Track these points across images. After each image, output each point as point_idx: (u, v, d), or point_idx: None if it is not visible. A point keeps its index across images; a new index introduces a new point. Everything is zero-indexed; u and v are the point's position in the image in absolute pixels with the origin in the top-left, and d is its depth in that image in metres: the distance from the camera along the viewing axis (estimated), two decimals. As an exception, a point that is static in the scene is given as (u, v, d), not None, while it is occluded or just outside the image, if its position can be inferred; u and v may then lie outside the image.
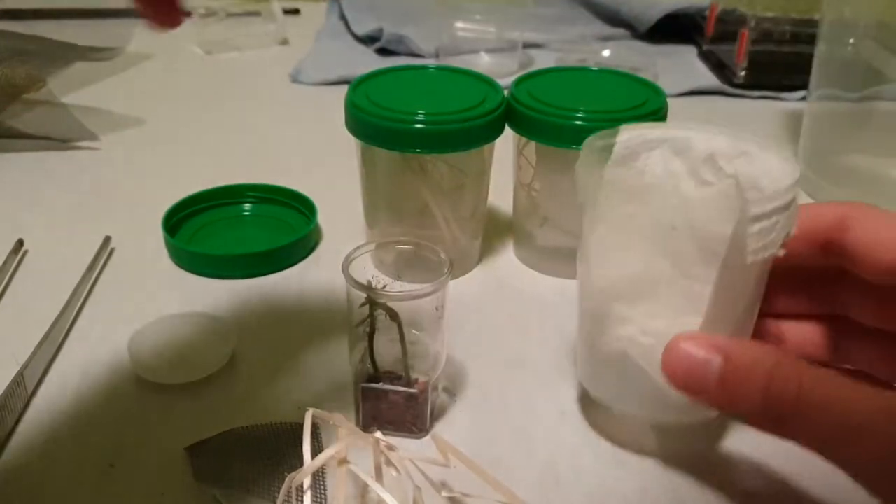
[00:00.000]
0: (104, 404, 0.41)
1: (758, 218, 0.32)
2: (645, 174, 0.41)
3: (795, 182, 0.34)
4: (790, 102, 0.84)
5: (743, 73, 0.86)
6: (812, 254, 0.37)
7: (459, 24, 0.90)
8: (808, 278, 0.39)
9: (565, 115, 0.48)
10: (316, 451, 0.38)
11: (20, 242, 0.55)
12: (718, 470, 0.38)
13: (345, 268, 0.37)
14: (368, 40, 0.97)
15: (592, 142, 0.39)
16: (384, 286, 0.37)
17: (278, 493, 0.32)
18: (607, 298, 0.37)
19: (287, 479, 0.32)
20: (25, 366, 0.41)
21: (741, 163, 0.38)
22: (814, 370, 0.30)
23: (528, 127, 0.49)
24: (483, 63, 0.91)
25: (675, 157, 0.40)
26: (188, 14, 0.31)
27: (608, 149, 0.40)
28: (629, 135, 0.40)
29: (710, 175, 0.39)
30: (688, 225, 0.33)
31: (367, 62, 0.92)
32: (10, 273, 0.52)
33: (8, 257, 0.53)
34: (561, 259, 0.53)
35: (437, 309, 0.38)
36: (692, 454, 0.39)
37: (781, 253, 0.34)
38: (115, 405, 0.41)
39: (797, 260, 0.36)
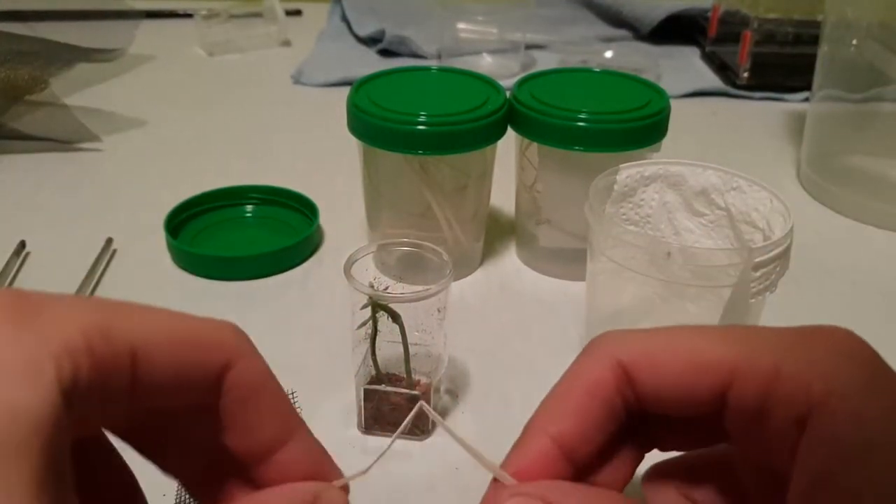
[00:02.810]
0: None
1: (761, 265, 0.35)
2: (642, 207, 0.44)
3: (791, 228, 0.36)
4: (793, 104, 0.84)
5: (745, 75, 0.86)
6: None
7: (461, 26, 0.90)
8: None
9: (568, 117, 0.48)
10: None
11: (22, 244, 0.55)
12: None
13: (346, 269, 0.37)
14: (370, 42, 0.97)
15: (596, 183, 0.41)
16: (386, 288, 0.37)
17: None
18: (610, 324, 0.39)
19: None
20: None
21: (732, 196, 0.41)
22: None
23: (530, 128, 0.49)
24: (485, 64, 0.90)
25: (669, 189, 0.43)
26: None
27: (609, 187, 0.43)
28: (627, 173, 0.43)
29: (703, 207, 0.42)
30: (682, 252, 0.35)
31: (369, 63, 0.92)
32: (12, 275, 0.52)
33: (10, 259, 0.53)
34: (563, 260, 0.53)
35: (438, 310, 0.38)
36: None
37: (774, 290, 0.36)
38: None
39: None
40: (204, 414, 0.24)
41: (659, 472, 0.27)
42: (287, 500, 0.24)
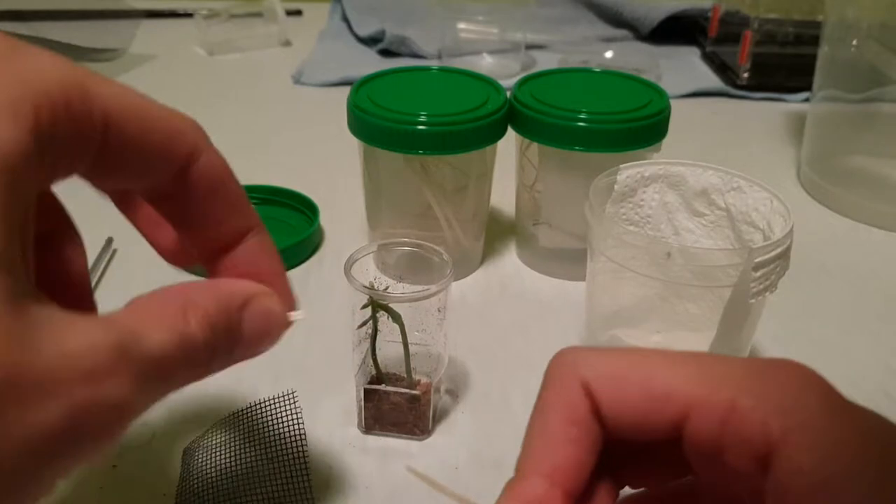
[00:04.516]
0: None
1: (761, 265, 0.35)
2: (642, 207, 0.44)
3: (791, 229, 0.36)
4: (793, 104, 0.84)
5: (746, 75, 0.86)
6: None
7: (462, 26, 0.90)
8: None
9: (568, 117, 0.48)
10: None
11: (22, 243, 0.55)
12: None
13: (347, 269, 0.37)
14: (371, 41, 0.97)
15: (597, 183, 0.41)
16: (386, 288, 0.37)
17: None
18: (610, 324, 0.39)
19: None
20: (27, 367, 0.41)
21: (732, 196, 0.41)
22: None
23: (530, 128, 0.49)
24: (485, 64, 0.90)
25: (669, 190, 0.44)
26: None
27: (609, 187, 0.43)
28: (628, 173, 0.43)
29: (703, 207, 0.42)
30: (682, 252, 0.35)
31: (370, 63, 0.92)
32: (12, 274, 0.52)
33: (10, 258, 0.53)
34: (563, 260, 0.53)
35: (439, 310, 0.38)
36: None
37: (774, 290, 0.36)
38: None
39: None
40: (167, 204, 0.25)
41: None
42: (216, 299, 0.24)
